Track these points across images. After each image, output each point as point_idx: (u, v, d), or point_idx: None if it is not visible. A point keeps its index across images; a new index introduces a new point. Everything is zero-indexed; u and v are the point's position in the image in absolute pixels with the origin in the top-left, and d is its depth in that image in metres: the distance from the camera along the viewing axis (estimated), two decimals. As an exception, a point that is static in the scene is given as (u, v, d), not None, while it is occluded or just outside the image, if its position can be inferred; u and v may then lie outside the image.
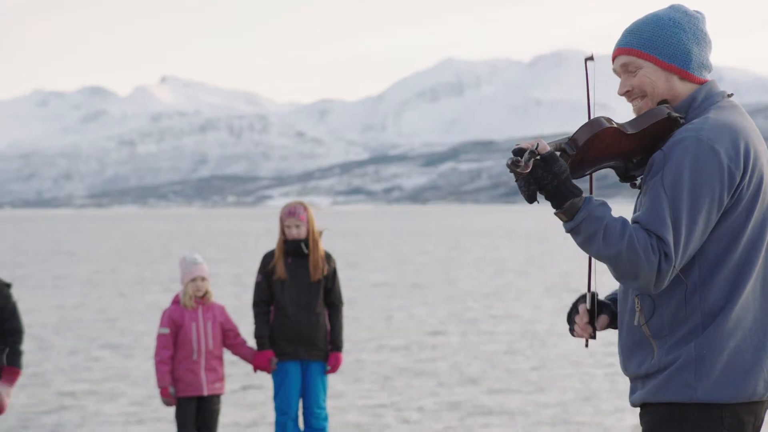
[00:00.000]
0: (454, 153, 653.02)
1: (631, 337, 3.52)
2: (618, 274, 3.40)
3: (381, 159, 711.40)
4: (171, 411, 7.73)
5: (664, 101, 3.64)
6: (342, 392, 14.08)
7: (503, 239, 78.31)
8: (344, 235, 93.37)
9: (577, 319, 3.68)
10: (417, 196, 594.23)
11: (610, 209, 3.46)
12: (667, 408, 3.44)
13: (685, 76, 3.62)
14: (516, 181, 3.41)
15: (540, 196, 3.44)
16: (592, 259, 3.61)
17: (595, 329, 3.68)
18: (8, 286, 7.99)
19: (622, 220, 3.42)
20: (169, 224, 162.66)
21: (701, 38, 3.65)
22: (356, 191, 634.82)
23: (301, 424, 8.26)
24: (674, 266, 3.38)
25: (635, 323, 3.50)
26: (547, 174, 3.40)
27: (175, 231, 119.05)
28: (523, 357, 17.49)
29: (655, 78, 3.63)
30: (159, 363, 7.94)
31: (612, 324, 3.71)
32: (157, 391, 7.12)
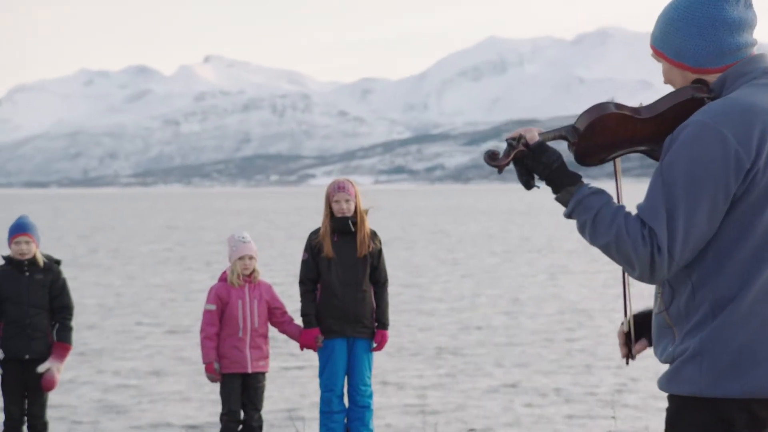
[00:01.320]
0: (496, 132, 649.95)
1: (657, 323, 3.51)
2: (616, 263, 3.39)
3: (423, 138, 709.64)
4: (218, 388, 8.04)
5: (698, 80, 3.52)
6: (388, 371, 14.65)
7: (547, 218, 78.55)
8: (387, 214, 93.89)
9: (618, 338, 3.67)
10: (459, 175, 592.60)
11: (605, 198, 3.42)
12: (679, 400, 3.41)
13: (699, 72, 3.50)
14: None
15: (540, 182, 3.51)
16: (627, 281, 3.60)
17: (631, 351, 3.66)
18: (58, 263, 8.22)
19: (615, 209, 3.37)
20: (214, 203, 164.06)
21: (719, 24, 3.44)
22: (398, 170, 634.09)
23: (346, 401, 8.26)
24: (672, 258, 3.30)
25: (657, 310, 3.50)
26: (537, 164, 3.43)
27: (220, 210, 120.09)
28: (570, 337, 18.06)
29: (672, 75, 3.57)
30: (205, 339, 7.97)
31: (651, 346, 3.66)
32: (203, 368, 7.89)
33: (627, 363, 3.72)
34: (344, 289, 8.03)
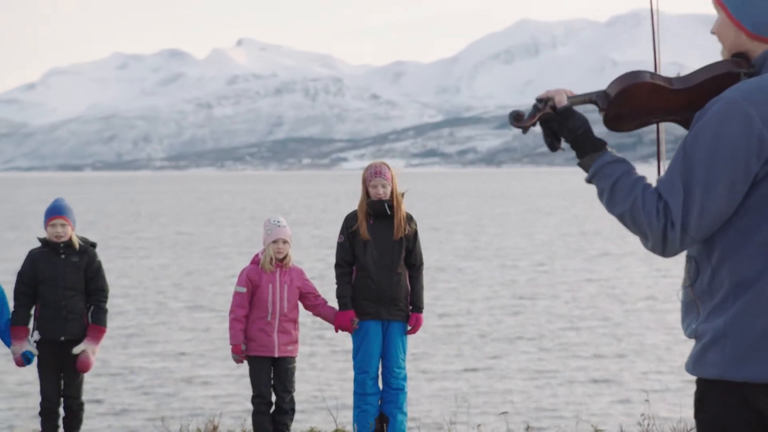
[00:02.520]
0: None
1: (683, 297, 3.49)
2: (632, 233, 3.40)
3: (455, 121, 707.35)
4: (248, 372, 8.07)
5: (740, 54, 3.47)
6: (422, 354, 14.70)
7: (581, 201, 77.88)
8: (420, 197, 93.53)
9: None
10: (491, 159, 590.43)
11: (626, 168, 3.41)
12: (705, 383, 3.39)
13: (753, 38, 3.43)
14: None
15: (565, 145, 3.55)
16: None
17: None
18: (93, 245, 8.26)
19: (635, 180, 3.36)
20: (246, 186, 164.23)
21: None
22: (430, 153, 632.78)
23: (380, 384, 8.26)
24: (686, 233, 3.29)
25: (684, 283, 3.48)
26: (562, 128, 3.45)
27: (253, 193, 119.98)
28: (606, 321, 18.04)
29: (725, 30, 3.49)
30: (233, 321, 8.00)
31: None
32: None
33: None
34: (379, 272, 8.04)
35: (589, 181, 3.45)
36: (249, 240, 42.04)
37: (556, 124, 3.44)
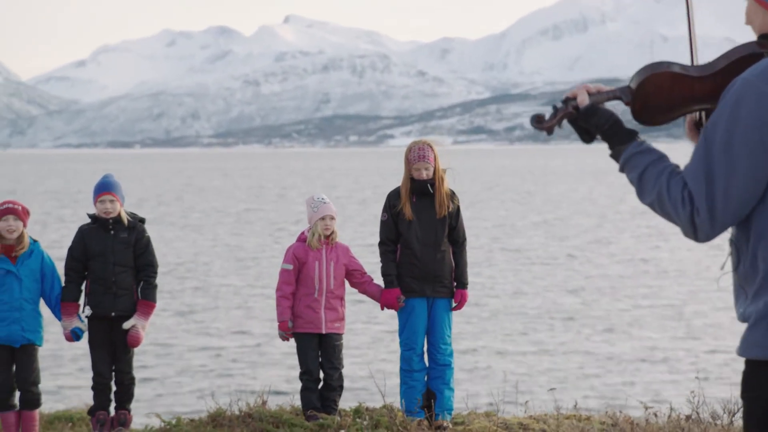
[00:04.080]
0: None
1: (733, 282, 3.48)
2: (667, 221, 3.40)
3: (502, 98, 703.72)
4: (293, 351, 8.00)
5: (766, 35, 3.42)
6: (468, 332, 14.73)
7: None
8: (466, 173, 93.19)
9: None
10: (539, 136, 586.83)
11: (653, 157, 3.40)
12: (752, 364, 3.39)
13: None
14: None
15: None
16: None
17: None
18: (142, 221, 8.26)
19: (661, 169, 3.37)
20: (294, 163, 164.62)
21: None
22: (477, 130, 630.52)
23: (426, 361, 8.25)
24: (714, 219, 3.27)
25: (730, 268, 3.48)
26: (589, 126, 3.54)
27: (302, 171, 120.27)
28: (659, 300, 17.94)
29: (754, 14, 3.46)
30: (280, 298, 8.00)
31: None
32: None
33: None
34: (423, 250, 8.05)
35: (621, 172, 3.49)
36: (298, 217, 42.23)
37: (582, 122, 3.48)
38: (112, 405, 8.25)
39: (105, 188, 8.16)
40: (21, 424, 8.06)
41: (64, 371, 15.93)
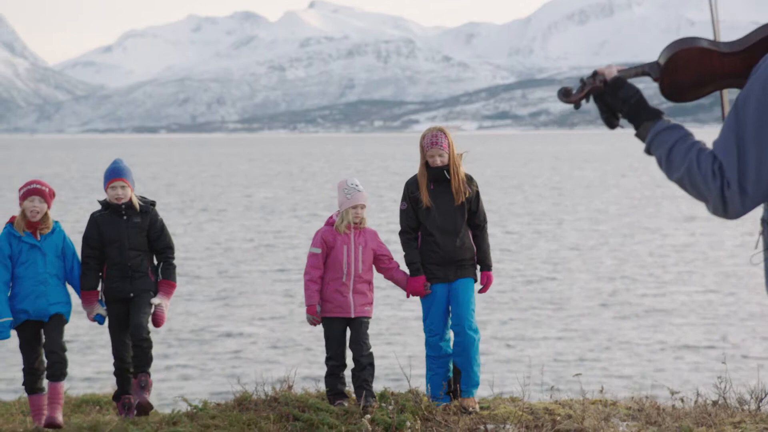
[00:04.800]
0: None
1: (765, 264, 3.47)
2: (693, 198, 3.39)
3: (528, 83, 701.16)
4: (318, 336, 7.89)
5: None
6: (493, 321, 14.74)
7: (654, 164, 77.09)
8: (491, 158, 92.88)
9: None
10: (564, 121, 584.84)
11: (681, 133, 3.40)
12: None
13: None
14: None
15: (623, 120, 3.58)
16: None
17: None
18: (153, 204, 8.28)
19: (690, 144, 3.35)
20: (320, 148, 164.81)
21: None
22: (503, 115, 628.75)
23: (451, 344, 8.22)
24: (745, 193, 3.25)
25: (762, 248, 3.47)
26: (616, 100, 3.50)
27: (327, 155, 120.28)
28: (692, 287, 17.83)
29: None
30: (309, 282, 7.95)
31: None
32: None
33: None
34: (444, 237, 8.06)
35: (647, 151, 3.46)
36: (328, 202, 42.28)
37: (609, 96, 3.45)
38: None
39: (116, 174, 8.16)
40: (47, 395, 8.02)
41: (94, 356, 16.05)
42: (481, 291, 8.23)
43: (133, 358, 8.19)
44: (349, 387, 8.02)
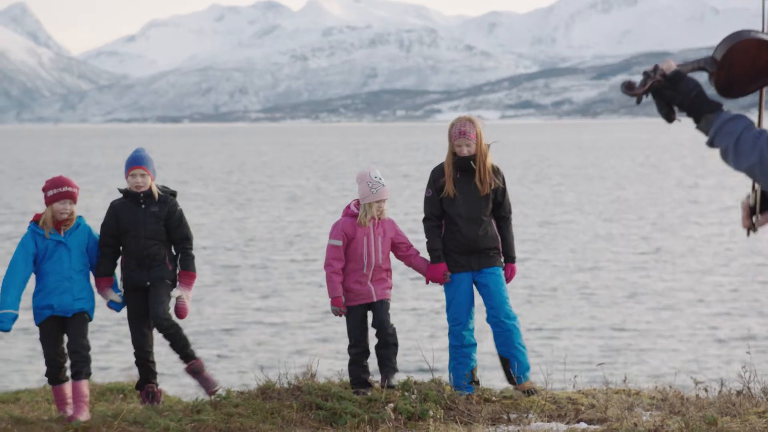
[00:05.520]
0: (626, 65, 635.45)
1: None
2: (763, 187, 3.45)
3: (551, 72, 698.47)
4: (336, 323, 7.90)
5: None
6: (520, 308, 14.72)
7: (686, 152, 76.20)
8: (514, 148, 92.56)
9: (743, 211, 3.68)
10: (587, 110, 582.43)
11: (746, 122, 3.39)
12: None
13: None
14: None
15: (681, 114, 3.55)
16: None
17: (753, 224, 3.71)
18: (173, 194, 8.25)
19: (757, 132, 3.35)
20: (342, 138, 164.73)
21: None
22: (525, 105, 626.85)
23: (473, 337, 8.19)
24: None
25: None
26: (675, 94, 3.46)
27: (351, 145, 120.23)
28: (721, 279, 17.73)
29: None
30: (331, 274, 7.93)
31: None
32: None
33: (748, 234, 3.72)
34: (468, 226, 8.04)
35: (710, 143, 3.44)
36: (342, 192, 42.28)
37: (669, 91, 3.43)
38: (157, 377, 8.27)
39: (136, 162, 8.15)
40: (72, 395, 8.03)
41: (118, 345, 16.15)
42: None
43: (170, 346, 8.19)
44: (373, 375, 8.00)
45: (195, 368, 8.16)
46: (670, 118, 3.49)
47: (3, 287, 7.93)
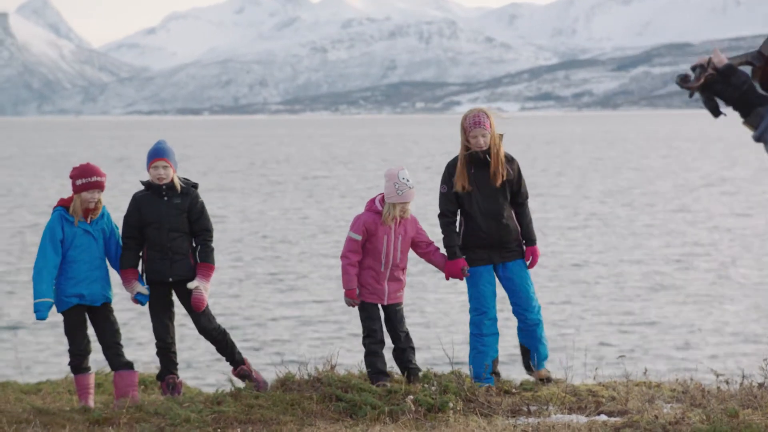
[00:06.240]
0: (647, 56, 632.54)
1: None
2: None
3: (571, 64, 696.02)
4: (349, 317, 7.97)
5: None
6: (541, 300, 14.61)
7: (708, 143, 75.81)
8: (534, 140, 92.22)
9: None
10: (607, 102, 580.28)
11: None
12: None
13: None
14: (701, 97, 3.53)
15: (727, 108, 3.52)
16: None
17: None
18: (195, 186, 8.28)
19: None
20: (362, 131, 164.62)
21: None
22: (545, 97, 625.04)
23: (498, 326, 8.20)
24: None
25: None
26: (727, 87, 3.46)
27: (372, 137, 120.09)
28: (748, 273, 17.64)
29: None
30: (347, 266, 7.98)
31: None
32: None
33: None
34: (487, 220, 8.01)
35: (758, 138, 3.42)
36: (372, 182, 42.27)
37: (720, 84, 3.42)
38: (177, 367, 8.27)
39: (158, 154, 8.17)
40: (117, 385, 8.11)
41: (139, 335, 16.21)
42: (529, 267, 8.15)
43: (218, 351, 8.25)
44: (391, 368, 8.00)
45: (243, 373, 8.22)
46: (716, 113, 3.48)
47: (35, 275, 7.91)
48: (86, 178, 8.02)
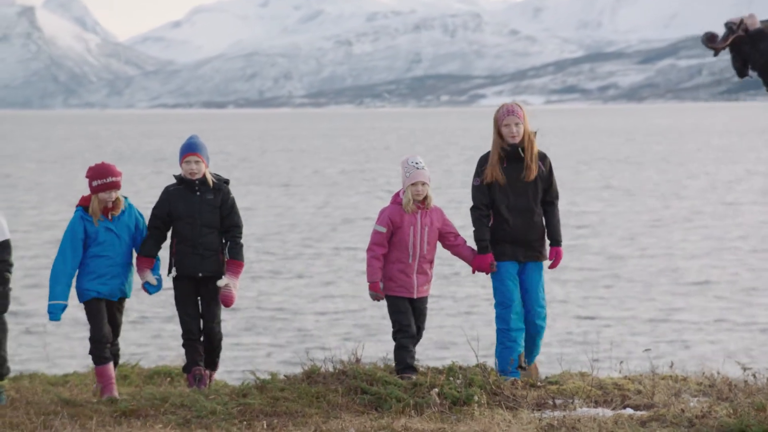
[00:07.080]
0: (673, 49, 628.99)
1: None
2: None
3: (596, 56, 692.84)
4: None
5: None
6: (557, 298, 14.65)
7: (734, 137, 75.30)
8: (558, 134, 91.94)
9: None
10: (633, 94, 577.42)
11: None
12: None
13: None
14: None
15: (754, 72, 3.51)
16: None
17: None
18: (227, 182, 8.32)
19: None
20: (389, 124, 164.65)
21: None
22: (570, 90, 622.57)
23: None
24: None
25: None
26: (754, 51, 3.51)
27: (396, 130, 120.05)
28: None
29: None
30: (372, 258, 7.96)
31: None
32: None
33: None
34: (516, 216, 8.01)
35: None
36: (389, 179, 42.26)
37: (748, 47, 3.47)
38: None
39: (191, 149, 8.21)
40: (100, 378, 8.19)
41: (166, 328, 16.30)
42: (550, 267, 8.17)
43: (205, 351, 8.34)
44: (417, 361, 7.99)
45: (200, 376, 8.27)
46: (742, 73, 3.50)
47: (53, 277, 8.08)
48: (102, 179, 8.08)
